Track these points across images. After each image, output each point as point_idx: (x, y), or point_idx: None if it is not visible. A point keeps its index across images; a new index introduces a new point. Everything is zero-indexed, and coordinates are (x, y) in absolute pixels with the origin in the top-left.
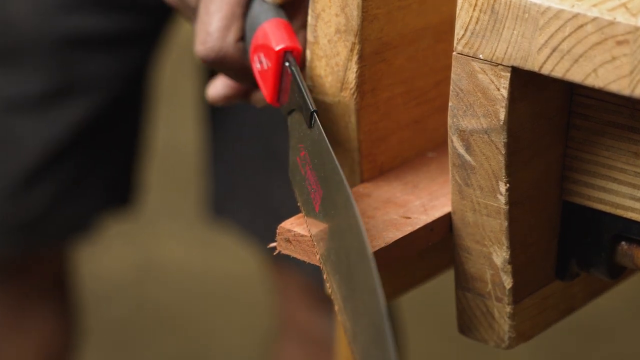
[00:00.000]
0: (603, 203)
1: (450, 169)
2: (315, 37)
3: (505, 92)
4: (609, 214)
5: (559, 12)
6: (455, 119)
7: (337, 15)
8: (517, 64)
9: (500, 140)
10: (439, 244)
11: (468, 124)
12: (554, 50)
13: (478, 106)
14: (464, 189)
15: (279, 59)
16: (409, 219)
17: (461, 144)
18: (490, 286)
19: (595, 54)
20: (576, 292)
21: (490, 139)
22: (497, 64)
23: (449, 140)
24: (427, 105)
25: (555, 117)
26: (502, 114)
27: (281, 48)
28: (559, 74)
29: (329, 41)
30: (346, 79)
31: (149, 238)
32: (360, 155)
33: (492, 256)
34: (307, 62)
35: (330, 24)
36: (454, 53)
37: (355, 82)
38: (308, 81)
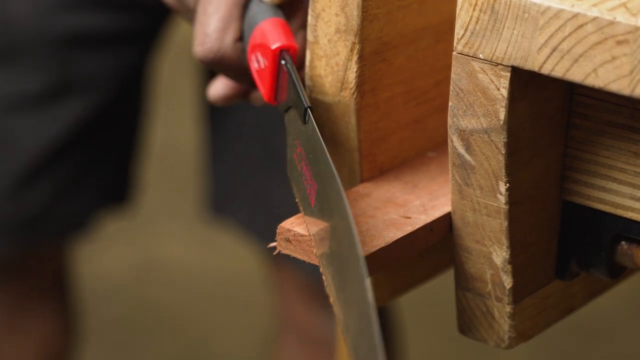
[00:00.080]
0: (603, 203)
1: (450, 168)
2: (315, 36)
3: (505, 92)
4: (609, 213)
5: (559, 12)
6: (455, 119)
7: (337, 15)
8: (517, 63)
9: (500, 140)
10: (439, 243)
11: (468, 123)
12: (554, 50)
13: (478, 106)
14: (464, 188)
15: (276, 57)
16: (409, 218)
17: (461, 143)
18: (490, 286)
19: (595, 53)
20: (576, 291)
21: (490, 139)
22: (497, 64)
23: (448, 140)
24: (427, 105)
25: (555, 117)
26: (502, 113)
27: (277, 47)
28: (559, 73)
29: (329, 41)
30: (346, 79)
31: (148, 238)
32: (360, 155)
33: (492, 256)
34: (307, 62)
35: (330, 23)
36: (454, 53)
37: (355, 82)
38: (308, 81)
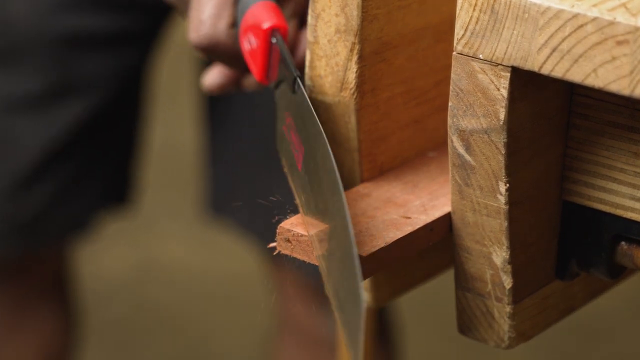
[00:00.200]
0: (603, 203)
1: (450, 168)
2: (315, 37)
3: (505, 92)
4: (609, 214)
5: (559, 12)
6: (455, 119)
7: (337, 15)
8: (517, 64)
9: (500, 140)
10: (439, 243)
11: (468, 123)
12: (554, 50)
13: (478, 106)
14: (464, 188)
15: (267, 36)
16: (409, 218)
17: (461, 143)
18: (490, 286)
19: (595, 54)
20: (576, 292)
21: (490, 139)
22: (497, 64)
23: (448, 140)
24: (427, 105)
25: (555, 117)
26: (502, 114)
27: (269, 26)
28: (558, 74)
29: (328, 41)
30: (346, 79)
31: (148, 238)
32: (360, 155)
33: (492, 256)
34: (307, 62)
35: (330, 24)
36: (454, 53)
37: (355, 82)
38: (308, 81)
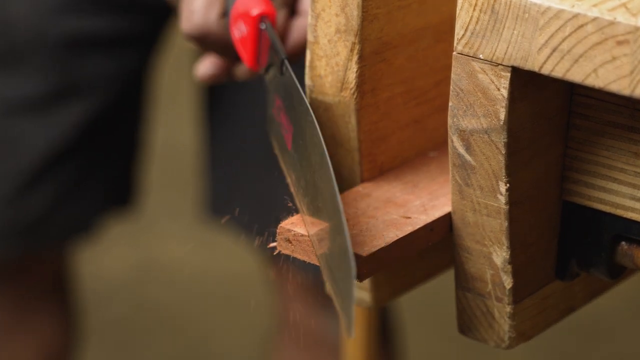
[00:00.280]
0: (603, 203)
1: (451, 169)
2: (316, 37)
3: (505, 92)
4: (609, 214)
5: (559, 12)
6: (455, 119)
7: (337, 15)
8: (517, 64)
9: (501, 140)
10: (439, 244)
11: (468, 123)
12: (554, 50)
13: (478, 106)
14: (464, 189)
15: (256, 23)
16: (409, 218)
17: (461, 143)
18: (490, 286)
19: (596, 54)
20: (576, 292)
21: (490, 139)
22: (497, 64)
23: (449, 140)
24: (427, 105)
25: (555, 117)
26: (502, 114)
27: (257, 13)
28: (559, 74)
29: (329, 41)
30: (346, 79)
31: (149, 238)
32: (360, 155)
33: (492, 256)
34: (308, 62)
35: (330, 23)
36: (454, 53)
37: (355, 82)
38: (308, 81)
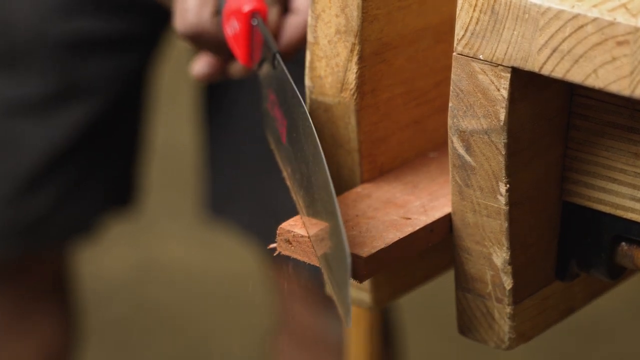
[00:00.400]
0: (603, 204)
1: (451, 169)
2: (315, 37)
3: (505, 93)
4: (609, 214)
5: (559, 13)
6: (455, 120)
7: (337, 16)
8: (517, 64)
9: (501, 140)
10: (439, 244)
11: (468, 124)
12: (554, 50)
13: (478, 107)
14: (464, 189)
15: (248, 19)
16: (409, 219)
17: (461, 144)
18: (490, 287)
19: (596, 54)
20: (576, 292)
21: (490, 140)
22: (497, 65)
23: (449, 141)
24: (427, 105)
25: (555, 118)
26: (502, 114)
27: (249, 9)
28: (559, 74)
29: (329, 42)
30: (346, 80)
31: (149, 238)
32: (360, 156)
33: (492, 257)
34: (308, 63)
35: (330, 24)
36: (454, 53)
37: (355, 83)
38: (308, 82)
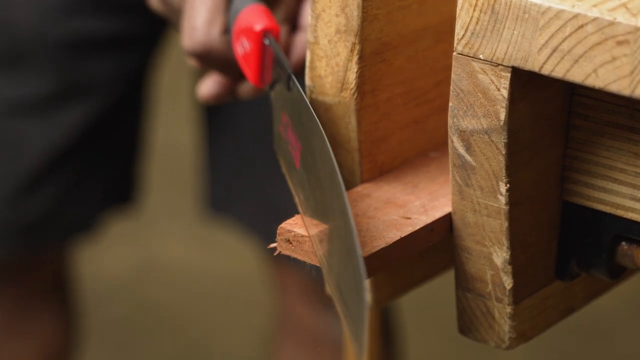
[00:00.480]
0: (603, 203)
1: (451, 169)
2: (316, 37)
3: (505, 93)
4: (609, 214)
5: (560, 13)
6: (455, 119)
7: (337, 16)
8: (518, 64)
9: (501, 140)
10: (439, 244)
11: (468, 124)
12: (554, 50)
13: (478, 106)
14: (464, 189)
15: (259, 38)
16: (409, 219)
17: (461, 144)
18: (490, 286)
19: (596, 54)
20: (576, 292)
21: (490, 139)
22: (498, 64)
23: (449, 141)
24: (427, 105)
25: (555, 118)
26: (503, 114)
27: (261, 28)
28: (559, 74)
29: (329, 41)
30: (346, 80)
31: (149, 238)
32: (360, 156)
33: (492, 256)
34: (308, 63)
35: (330, 24)
36: (454, 53)
37: (356, 83)
38: (308, 81)
